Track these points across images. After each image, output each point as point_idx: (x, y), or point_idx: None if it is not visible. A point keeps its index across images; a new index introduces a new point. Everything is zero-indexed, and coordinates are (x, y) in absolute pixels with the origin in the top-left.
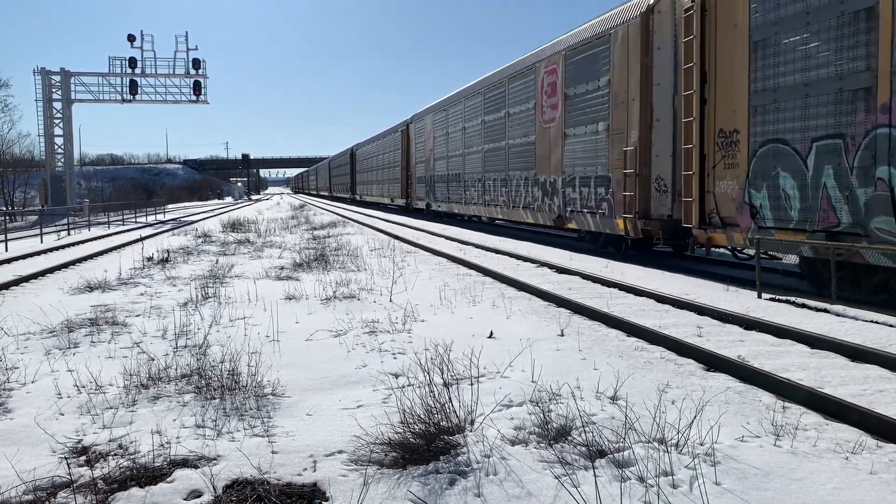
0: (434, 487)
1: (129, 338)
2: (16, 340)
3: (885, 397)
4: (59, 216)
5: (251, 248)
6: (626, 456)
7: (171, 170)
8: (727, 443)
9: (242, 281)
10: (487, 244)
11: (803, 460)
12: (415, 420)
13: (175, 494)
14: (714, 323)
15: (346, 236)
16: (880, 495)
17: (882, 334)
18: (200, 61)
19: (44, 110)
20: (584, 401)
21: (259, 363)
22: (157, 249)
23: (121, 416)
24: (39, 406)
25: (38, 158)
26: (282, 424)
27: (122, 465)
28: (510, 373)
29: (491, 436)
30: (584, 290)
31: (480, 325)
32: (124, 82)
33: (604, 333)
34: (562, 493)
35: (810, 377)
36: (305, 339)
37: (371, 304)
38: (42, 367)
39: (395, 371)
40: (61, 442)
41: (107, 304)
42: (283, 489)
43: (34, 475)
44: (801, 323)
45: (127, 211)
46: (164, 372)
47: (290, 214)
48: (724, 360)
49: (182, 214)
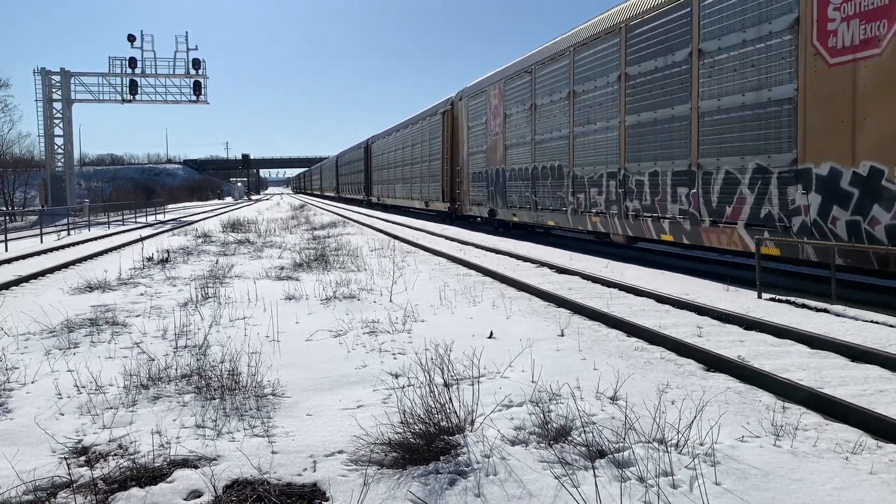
0: (434, 487)
1: (129, 338)
2: (16, 340)
3: (885, 397)
4: (59, 216)
5: (251, 249)
6: (626, 456)
7: (171, 170)
8: (727, 443)
9: (242, 281)
10: (487, 244)
11: (803, 460)
12: (415, 420)
13: (175, 494)
14: (714, 323)
15: (346, 236)
16: (880, 495)
17: (882, 334)
18: (200, 61)
19: (44, 110)
20: (584, 401)
21: (259, 363)
22: (157, 249)
23: (121, 417)
24: (39, 406)
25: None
26: (282, 424)
27: (122, 465)
28: (510, 373)
29: (491, 436)
30: (584, 290)
31: (480, 325)
32: (124, 82)
33: (604, 333)
34: (562, 493)
35: (810, 377)
36: (305, 339)
37: (371, 304)
38: (42, 367)
39: (395, 371)
40: (61, 442)
41: (107, 304)
42: (283, 489)
43: (34, 475)
44: (801, 323)
45: (127, 211)
46: (164, 372)
47: (290, 214)
48: (724, 360)
49: (182, 214)
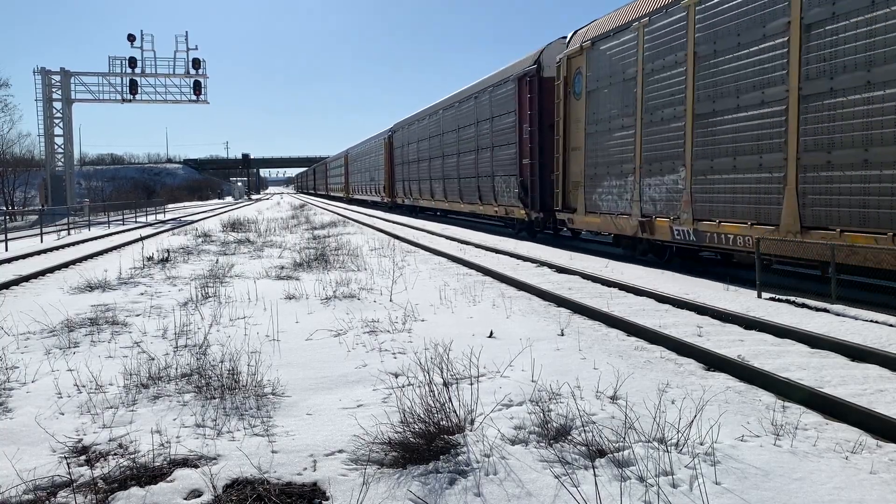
0: (434, 487)
1: (129, 337)
2: (16, 340)
3: (884, 397)
4: (59, 216)
5: (251, 248)
6: (625, 455)
7: (171, 169)
8: (727, 442)
9: (242, 280)
10: (487, 244)
11: (803, 460)
12: (415, 419)
13: (175, 494)
14: (714, 322)
15: (346, 236)
16: (880, 495)
17: (882, 334)
18: (200, 61)
19: (44, 110)
20: (584, 400)
21: (259, 363)
22: (157, 249)
23: (121, 416)
24: (40, 405)
25: (38, 158)
26: (282, 424)
27: (122, 464)
28: (510, 372)
29: (491, 435)
30: (584, 289)
31: (480, 325)
32: (124, 82)
33: (604, 333)
34: (562, 493)
35: (810, 377)
36: (305, 338)
37: (371, 303)
38: (42, 367)
39: (395, 370)
40: (61, 441)
41: (107, 303)
42: (283, 489)
43: (34, 474)
44: (801, 323)
45: (127, 211)
46: (165, 371)
47: (290, 214)
48: (724, 359)
49: (182, 214)
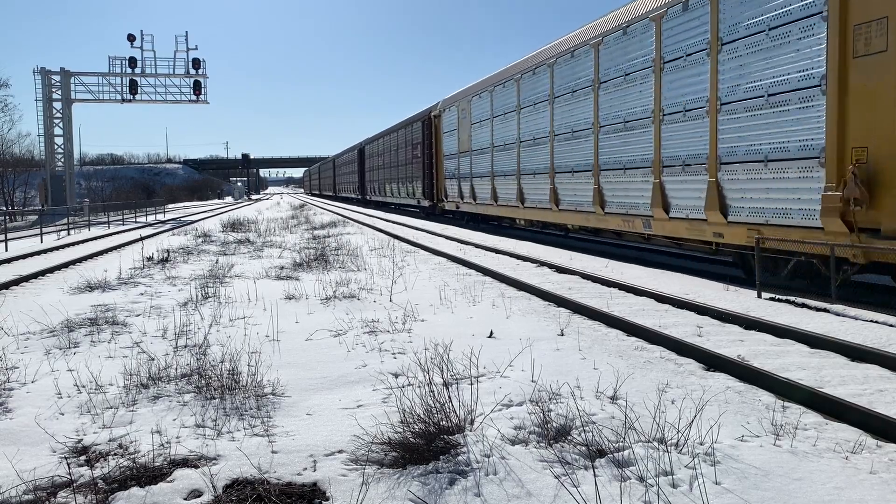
0: (434, 487)
1: (129, 337)
2: (16, 340)
3: (884, 397)
4: (59, 216)
5: (251, 248)
6: (625, 455)
7: (171, 169)
8: (727, 442)
9: (242, 280)
10: (487, 244)
11: (803, 460)
12: (415, 420)
13: (175, 494)
14: (714, 322)
15: (345, 236)
16: (880, 495)
17: (882, 334)
18: (200, 61)
19: (44, 110)
20: (584, 400)
21: (259, 363)
22: (157, 249)
23: (121, 416)
24: (40, 406)
25: (38, 158)
26: (282, 424)
27: (122, 464)
28: (510, 372)
29: (491, 435)
30: (583, 289)
31: (480, 325)
32: (124, 82)
33: (604, 333)
34: (562, 493)
35: (810, 377)
36: (305, 338)
37: (371, 303)
38: (42, 367)
39: (394, 371)
40: (61, 441)
41: (107, 303)
42: (283, 489)
43: (34, 475)
44: (801, 323)
45: (127, 211)
46: (164, 372)
47: (290, 214)
48: (723, 359)
49: (182, 214)
